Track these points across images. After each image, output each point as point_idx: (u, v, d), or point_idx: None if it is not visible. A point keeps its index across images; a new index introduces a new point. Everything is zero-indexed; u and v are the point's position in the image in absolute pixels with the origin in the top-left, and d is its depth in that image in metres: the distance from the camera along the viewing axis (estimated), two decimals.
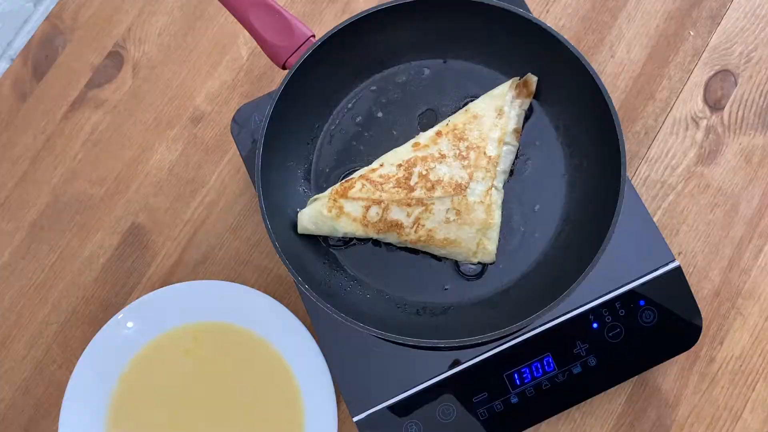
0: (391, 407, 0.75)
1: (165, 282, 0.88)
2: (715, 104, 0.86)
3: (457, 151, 0.74)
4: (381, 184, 0.75)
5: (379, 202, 0.74)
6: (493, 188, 0.74)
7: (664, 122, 0.86)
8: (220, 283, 0.84)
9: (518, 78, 0.78)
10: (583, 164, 0.76)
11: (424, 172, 0.74)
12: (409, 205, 0.74)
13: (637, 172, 0.85)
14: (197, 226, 0.90)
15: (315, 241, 0.78)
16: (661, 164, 0.85)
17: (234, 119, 0.83)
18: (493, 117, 0.75)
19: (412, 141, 0.77)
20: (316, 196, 0.77)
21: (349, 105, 0.82)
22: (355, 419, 0.75)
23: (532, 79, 0.77)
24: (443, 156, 0.74)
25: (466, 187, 0.73)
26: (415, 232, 0.74)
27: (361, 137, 0.80)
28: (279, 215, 0.76)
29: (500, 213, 0.75)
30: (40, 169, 0.93)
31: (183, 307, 0.84)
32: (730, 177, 0.84)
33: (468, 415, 0.74)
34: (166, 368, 0.83)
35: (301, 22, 0.77)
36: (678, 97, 0.87)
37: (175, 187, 0.91)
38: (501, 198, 0.76)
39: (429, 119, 0.80)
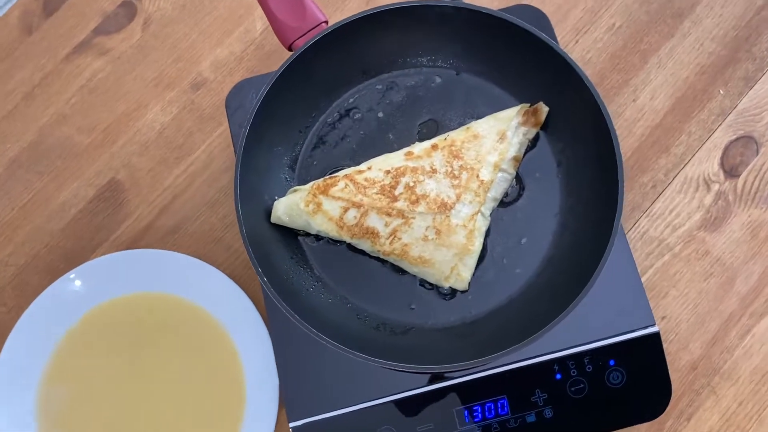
0: (331, 420, 0.71)
1: (131, 245, 0.85)
2: (731, 170, 0.82)
3: (450, 169, 0.71)
4: (365, 187, 0.71)
5: (359, 206, 0.71)
6: (479, 214, 0.71)
7: (674, 179, 0.82)
8: (182, 257, 0.81)
9: (528, 105, 0.74)
10: (578, 207, 0.72)
11: (412, 184, 0.71)
12: (389, 214, 0.70)
13: (636, 225, 0.81)
14: (176, 194, 0.87)
15: (287, 233, 0.74)
16: (663, 221, 0.81)
17: (231, 92, 0.80)
18: (494, 140, 0.72)
19: (406, 149, 0.73)
20: (296, 188, 0.74)
21: (351, 99, 0.78)
22: (291, 425, 0.71)
23: (543, 109, 0.73)
24: (434, 171, 0.71)
25: (451, 208, 0.70)
26: (390, 243, 0.70)
27: (356, 135, 0.77)
28: (254, 199, 0.72)
29: (482, 241, 0.71)
30: (31, 106, 0.91)
31: (140, 275, 0.81)
32: (732, 248, 0.80)
33: None
34: (113, 333, 0.80)
35: (317, 6, 0.73)
36: (694, 155, 0.82)
37: (162, 150, 0.88)
38: (486, 226, 0.72)
39: (429, 130, 0.76)
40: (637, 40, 0.87)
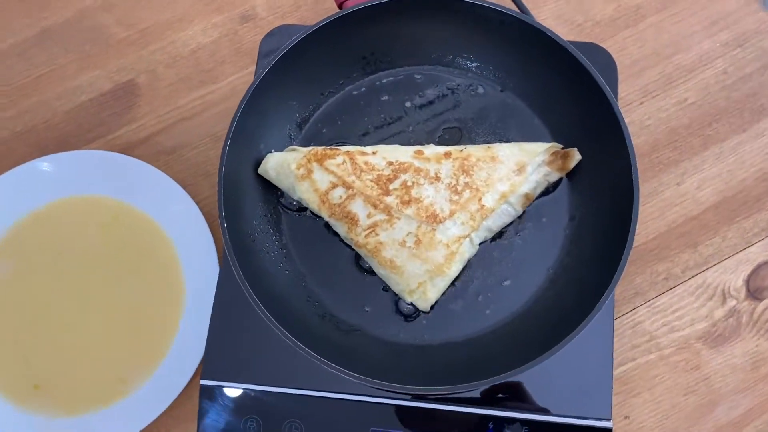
0: (244, 394, 0.66)
1: (124, 150, 0.82)
2: (755, 291, 0.74)
3: (454, 182, 0.65)
4: (362, 170, 0.66)
5: (348, 187, 0.66)
6: (468, 239, 0.65)
7: (691, 278, 0.75)
8: (160, 174, 0.78)
9: (561, 147, 0.68)
10: (575, 268, 0.66)
11: (410, 184, 0.65)
12: (375, 206, 0.65)
13: (633, 312, 0.74)
14: (185, 117, 0.83)
15: (270, 191, 0.70)
16: (663, 318, 0.74)
17: (269, 34, 0.76)
18: (512, 169, 0.66)
19: (418, 147, 0.68)
20: (295, 147, 0.69)
21: (385, 80, 0.73)
22: (202, 382, 0.67)
23: (575, 156, 0.67)
24: (438, 178, 0.65)
25: (441, 222, 0.64)
26: (366, 236, 0.65)
27: (377, 117, 0.72)
28: (249, 141, 0.68)
29: (461, 268, 0.65)
30: None
31: (109, 179, 0.79)
32: (726, 372, 0.72)
33: None
34: (70, 227, 0.78)
35: None
36: (721, 262, 0.75)
37: (189, 69, 0.85)
38: (471, 253, 0.66)
39: (452, 137, 0.71)
40: (705, 124, 0.79)
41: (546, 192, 0.68)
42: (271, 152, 0.69)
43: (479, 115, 0.72)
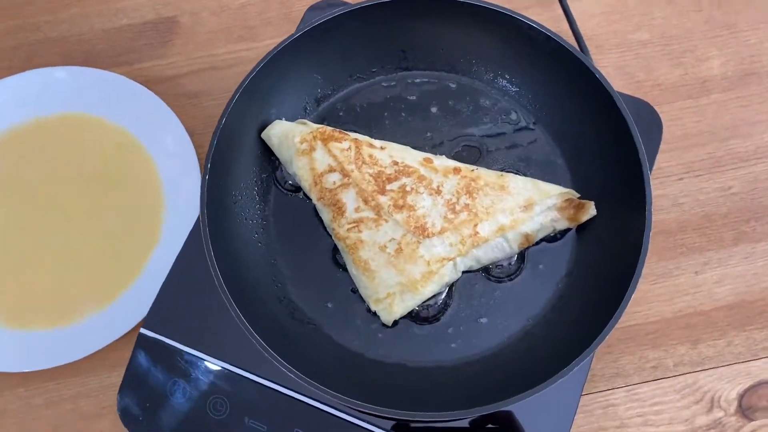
0: (178, 355, 0.63)
1: (147, 82, 0.80)
2: (747, 409, 0.67)
3: (454, 200, 0.61)
4: (364, 162, 0.62)
5: (345, 175, 0.62)
6: (452, 262, 0.60)
7: (681, 376, 0.68)
8: (152, 97, 0.77)
9: (578, 196, 0.63)
10: (555, 325, 0.60)
11: (408, 189, 0.61)
12: (366, 201, 0.61)
13: (609, 393, 0.68)
14: (216, 66, 0.81)
15: (267, 159, 0.67)
16: (640, 407, 0.68)
17: (315, 6, 0.73)
18: (518, 204, 0.61)
19: (430, 155, 0.64)
20: (305, 121, 0.66)
21: (418, 80, 0.70)
22: (142, 330, 0.64)
23: (589, 210, 0.62)
24: (439, 192, 0.61)
25: (428, 237, 0.60)
26: (348, 230, 0.61)
27: (398, 115, 0.68)
28: (261, 103, 0.65)
29: (436, 290, 0.61)
30: None
31: (121, 105, 0.77)
32: None
33: (234, 426, 0.62)
34: (70, 145, 0.76)
35: None
36: (719, 368, 0.68)
37: (233, 21, 0.83)
38: (452, 279, 0.61)
39: (469, 155, 0.67)
40: (743, 219, 0.73)
41: (549, 239, 0.63)
42: (281, 119, 0.66)
43: (504, 141, 0.67)
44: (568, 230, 0.63)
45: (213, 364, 0.62)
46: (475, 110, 0.68)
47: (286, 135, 0.65)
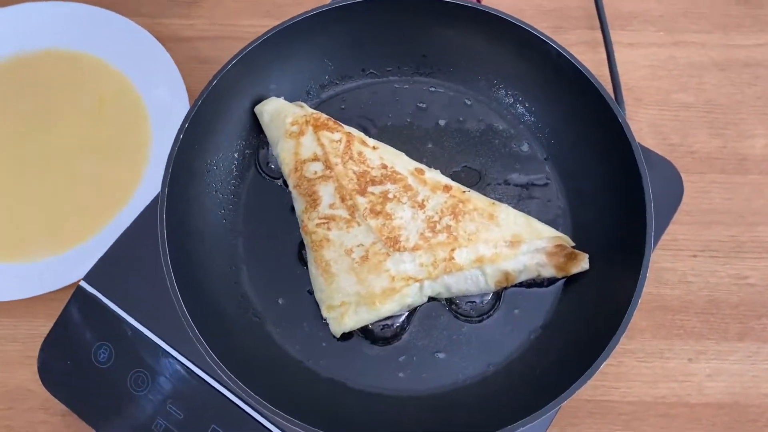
0: (113, 315, 0.58)
1: (161, 38, 0.76)
2: None
3: (436, 218, 0.55)
4: (351, 158, 0.58)
5: (329, 167, 0.57)
6: (418, 284, 0.55)
7: None
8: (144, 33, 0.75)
9: (572, 246, 0.57)
10: (515, 380, 0.54)
11: (390, 196, 0.56)
12: (343, 199, 0.56)
13: None
14: (235, 36, 0.79)
15: (256, 133, 0.62)
16: None
17: None
18: (504, 238, 0.55)
19: (423, 167, 0.59)
20: (302, 104, 0.62)
21: (433, 88, 0.65)
22: (82, 283, 0.59)
23: (581, 263, 0.56)
24: (422, 206, 0.56)
25: (398, 250, 0.54)
26: (317, 225, 0.56)
27: (402, 119, 0.64)
28: (260, 76, 0.61)
29: (395, 310, 0.55)
30: None
31: (128, 50, 0.75)
32: None
33: (152, 406, 0.57)
34: (64, 81, 0.74)
35: None
36: None
37: None
38: (415, 303, 0.56)
39: (467, 176, 0.62)
40: (755, 315, 0.66)
41: (531, 284, 0.58)
42: (279, 98, 0.62)
43: (508, 170, 0.62)
44: (554, 280, 0.57)
45: (145, 336, 0.58)
46: (486, 132, 0.63)
47: (279, 113, 0.60)
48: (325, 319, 0.56)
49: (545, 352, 0.55)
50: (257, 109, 0.61)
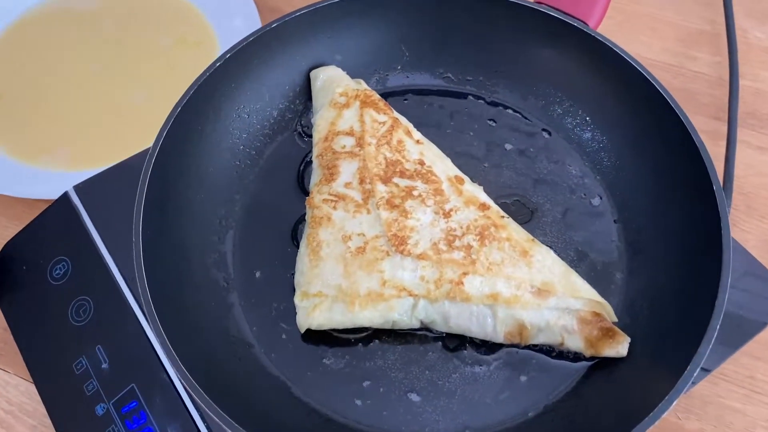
0: (85, 232, 0.52)
1: None
2: None
3: (458, 233, 0.46)
4: (387, 143, 0.50)
5: (360, 145, 0.50)
6: (411, 300, 0.45)
7: None
8: None
9: (613, 320, 0.45)
10: None
11: (415, 194, 0.48)
12: (361, 181, 0.48)
13: None
14: None
15: (302, 97, 0.56)
16: None
17: None
18: (532, 283, 0.45)
19: (466, 177, 0.50)
20: (360, 81, 0.55)
21: (510, 111, 0.57)
22: (69, 191, 0.54)
23: (618, 346, 0.44)
24: (446, 215, 0.47)
25: (400, 252, 0.45)
26: (323, 200, 0.48)
27: (465, 131, 0.56)
28: (328, 40, 0.56)
29: (374, 321, 0.45)
30: None
31: None
32: None
33: (82, 341, 0.49)
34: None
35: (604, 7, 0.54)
36: None
37: None
38: (401, 324, 0.46)
39: (517, 210, 0.52)
40: None
41: (550, 351, 0.46)
42: (336, 64, 0.56)
43: (569, 219, 0.51)
44: (578, 357, 0.46)
45: (106, 266, 0.51)
46: (555, 172, 0.54)
47: (332, 81, 0.54)
48: (295, 307, 0.47)
49: None
50: (313, 73, 0.56)
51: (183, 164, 0.49)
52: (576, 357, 0.46)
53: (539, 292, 0.45)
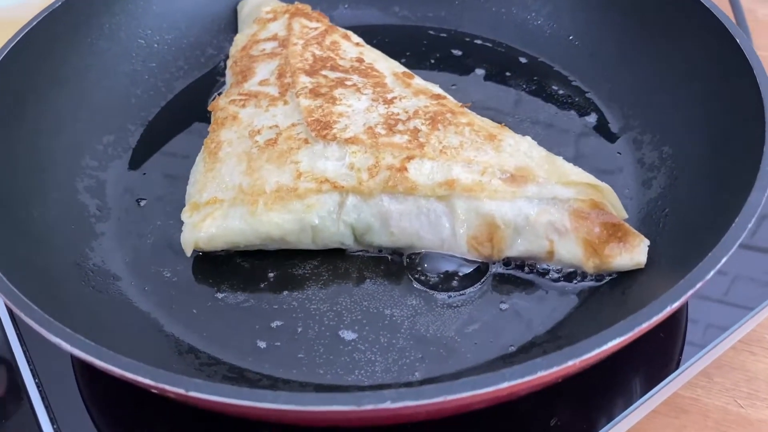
0: None
1: None
2: None
3: (402, 117, 0.34)
4: (318, 44, 0.40)
5: (282, 45, 0.40)
6: (337, 196, 0.33)
7: None
8: None
9: (623, 216, 0.32)
10: None
11: (348, 84, 0.37)
12: (281, 75, 0.38)
13: None
14: None
15: (227, 32, 0.47)
16: None
17: None
18: (502, 167, 0.32)
19: (418, 76, 0.39)
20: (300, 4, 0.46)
21: (478, 42, 0.47)
22: None
23: (634, 249, 0.31)
24: (386, 103, 0.35)
25: (323, 137, 0.33)
26: (229, 102, 0.37)
27: (424, 62, 0.45)
28: None
29: (287, 227, 0.32)
30: None
31: None
32: None
33: None
34: None
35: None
36: None
37: None
38: (324, 228, 0.33)
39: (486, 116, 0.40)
40: None
41: (545, 273, 0.32)
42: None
43: (563, 135, 0.40)
44: (577, 275, 0.32)
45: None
46: (538, 92, 0.43)
47: (261, 6, 0.46)
48: (182, 221, 0.34)
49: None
50: (240, 3, 0.47)
51: (59, 72, 0.40)
52: (570, 276, 0.32)
53: (513, 178, 0.32)
